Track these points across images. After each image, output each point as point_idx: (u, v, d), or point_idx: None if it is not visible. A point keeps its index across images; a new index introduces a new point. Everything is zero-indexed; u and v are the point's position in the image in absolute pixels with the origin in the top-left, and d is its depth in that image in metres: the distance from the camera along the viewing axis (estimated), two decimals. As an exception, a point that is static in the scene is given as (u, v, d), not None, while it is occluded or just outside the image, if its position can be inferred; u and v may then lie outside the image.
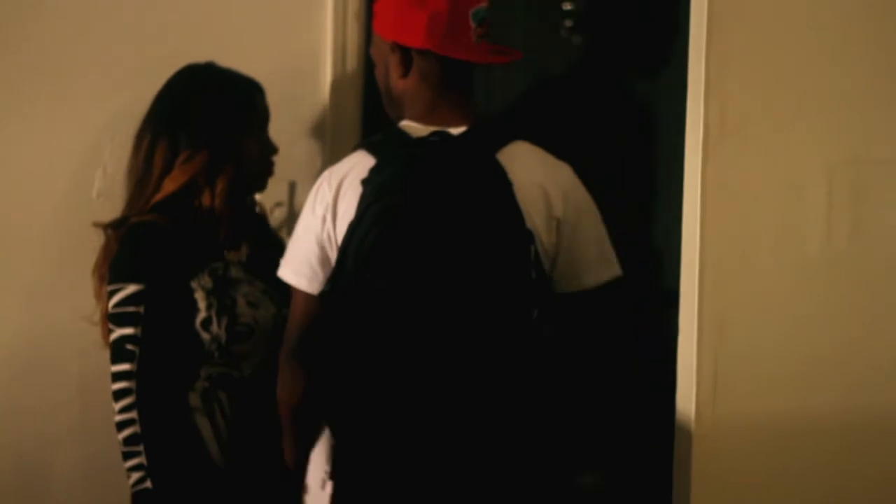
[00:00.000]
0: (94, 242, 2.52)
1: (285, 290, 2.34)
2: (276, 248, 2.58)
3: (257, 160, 2.47)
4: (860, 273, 2.47)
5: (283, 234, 2.75)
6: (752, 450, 2.48)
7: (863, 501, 2.48)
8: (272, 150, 2.49)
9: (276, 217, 2.68)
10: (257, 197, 2.59)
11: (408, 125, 2.32)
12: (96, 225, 2.42)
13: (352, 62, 2.70)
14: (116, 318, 2.33)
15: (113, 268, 2.38)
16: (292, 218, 2.75)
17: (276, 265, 2.33)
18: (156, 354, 2.34)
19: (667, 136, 2.59)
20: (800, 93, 2.44)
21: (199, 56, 2.62)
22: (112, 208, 2.60)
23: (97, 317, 2.45)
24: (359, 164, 2.26)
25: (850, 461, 2.48)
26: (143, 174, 2.40)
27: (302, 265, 2.29)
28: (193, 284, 2.38)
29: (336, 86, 2.69)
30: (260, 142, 2.47)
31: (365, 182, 2.21)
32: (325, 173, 2.33)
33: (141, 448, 2.31)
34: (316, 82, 2.63)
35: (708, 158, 2.40)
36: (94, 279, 2.45)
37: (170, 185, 2.38)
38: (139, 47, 2.64)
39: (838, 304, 2.47)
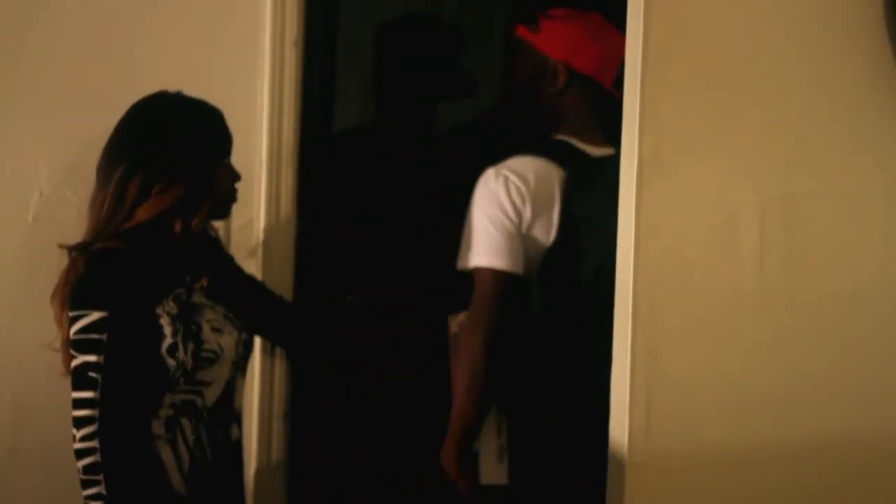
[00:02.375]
0: (33, 267, 2.51)
1: (245, 314, 2.40)
2: (232, 272, 2.57)
3: (227, 188, 2.46)
4: (792, 304, 2.49)
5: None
6: (686, 479, 2.49)
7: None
8: (237, 177, 2.47)
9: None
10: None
11: (572, 140, 2.71)
12: (62, 246, 2.37)
13: (289, 89, 2.70)
14: (79, 345, 2.29)
15: (76, 293, 2.33)
16: (228, 243, 2.75)
17: (235, 289, 2.37)
18: (119, 382, 2.30)
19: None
20: (733, 127, 2.47)
21: (136, 81, 2.61)
22: (51, 231, 2.59)
23: (58, 343, 2.40)
24: (543, 169, 2.64)
25: (782, 489, 2.50)
26: (114, 205, 2.35)
27: (502, 250, 2.59)
28: (159, 311, 2.34)
29: (273, 112, 2.69)
30: (227, 168, 2.46)
31: (566, 194, 2.64)
32: (506, 172, 2.63)
33: (101, 477, 2.27)
34: (252, 108, 2.63)
35: (642, 190, 2.42)
36: (54, 304, 2.39)
37: (142, 215, 2.34)
38: (76, 72, 2.63)
39: (770, 334, 2.49)
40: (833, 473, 2.53)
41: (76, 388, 2.28)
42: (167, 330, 2.33)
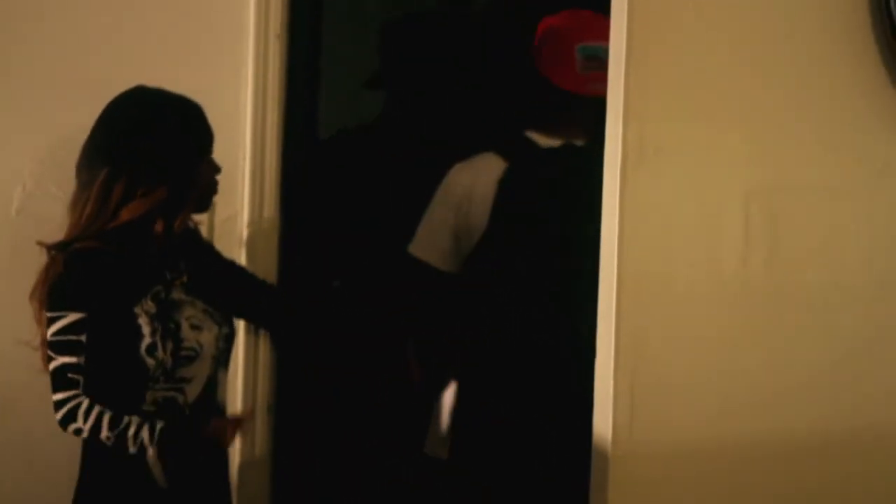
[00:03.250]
0: (16, 262, 2.50)
1: (229, 300, 2.41)
2: (212, 260, 2.55)
3: (208, 181, 2.44)
4: (775, 296, 2.50)
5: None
6: (670, 472, 2.49)
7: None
8: (218, 169, 2.46)
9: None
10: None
11: (531, 133, 2.79)
12: (40, 244, 2.35)
13: (273, 82, 2.69)
14: (57, 347, 2.28)
15: (54, 294, 2.31)
16: (212, 236, 2.73)
17: (217, 277, 2.37)
18: (98, 382, 2.29)
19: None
20: (717, 120, 2.47)
21: (119, 74, 2.60)
22: (34, 226, 2.58)
23: (37, 341, 2.39)
24: (491, 164, 2.72)
25: (766, 481, 2.51)
26: (97, 207, 2.32)
27: (430, 243, 2.74)
28: (137, 310, 2.32)
29: (257, 105, 2.67)
30: (209, 163, 2.44)
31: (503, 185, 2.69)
32: (457, 170, 2.74)
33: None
34: (237, 102, 2.62)
35: (626, 183, 2.42)
36: (32, 302, 2.37)
37: (126, 216, 2.32)
38: (59, 66, 2.61)
39: (754, 327, 2.50)
40: (817, 465, 2.54)
41: (56, 389, 2.27)
42: (146, 329, 2.32)
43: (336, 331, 2.95)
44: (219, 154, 2.48)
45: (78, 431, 2.26)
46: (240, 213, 2.64)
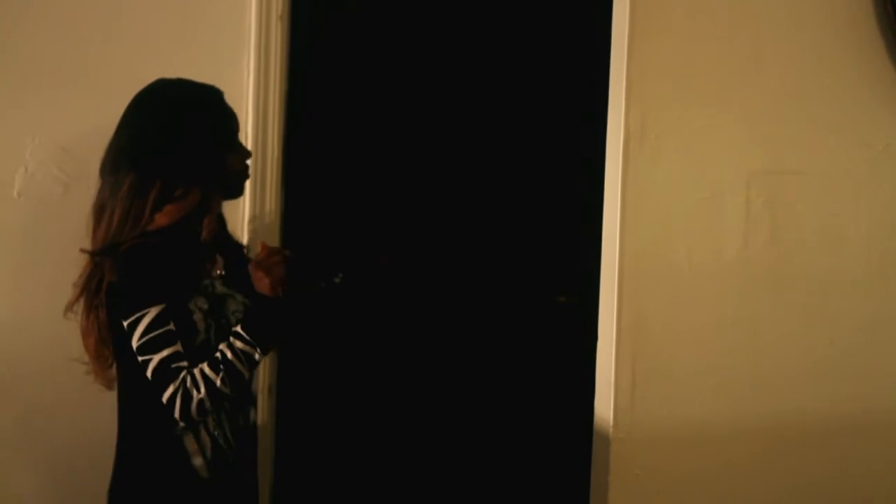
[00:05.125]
0: (19, 242, 2.50)
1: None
2: (239, 251, 2.52)
3: (239, 168, 2.39)
4: (775, 278, 2.51)
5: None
6: (670, 454, 2.51)
7: (776, 501, 2.53)
8: (248, 154, 2.40)
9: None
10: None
11: None
12: (84, 251, 2.29)
13: (275, 63, 2.68)
14: (150, 345, 2.17)
15: (124, 300, 2.20)
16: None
17: (245, 273, 2.32)
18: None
19: (588, 144, 2.61)
20: (718, 104, 2.48)
21: (120, 57, 2.61)
22: (35, 208, 2.58)
23: (87, 356, 2.33)
24: None
25: (765, 462, 2.53)
26: (126, 213, 2.23)
27: None
28: (191, 306, 2.28)
29: (259, 88, 2.67)
30: (239, 151, 2.38)
31: None
32: None
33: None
34: (239, 84, 2.61)
35: (628, 166, 2.43)
36: (75, 313, 2.27)
37: (164, 220, 2.25)
38: (59, 47, 2.60)
39: (754, 308, 2.51)
40: (817, 447, 2.56)
41: (163, 387, 2.17)
42: (200, 326, 2.26)
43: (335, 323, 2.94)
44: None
45: (200, 405, 2.15)
46: (242, 197, 2.63)
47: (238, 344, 2.21)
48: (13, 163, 2.64)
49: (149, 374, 2.16)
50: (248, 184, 2.61)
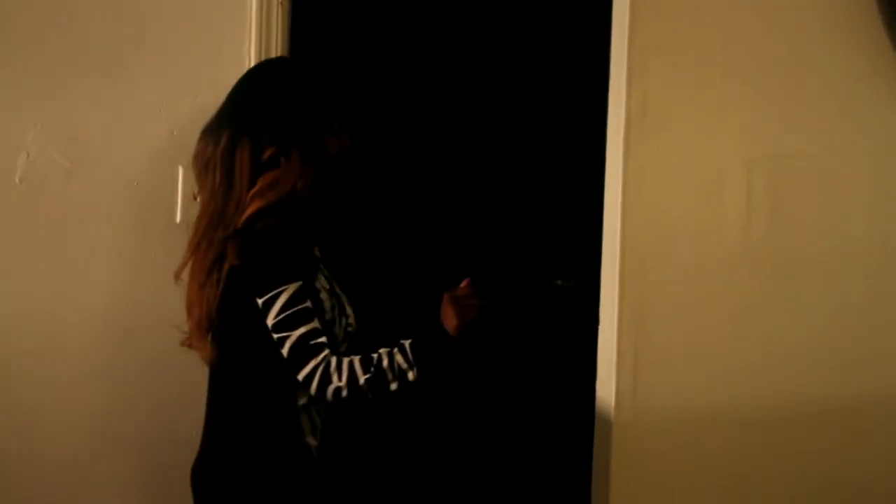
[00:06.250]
0: (21, 229, 2.51)
1: None
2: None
3: (338, 155, 2.38)
4: (777, 264, 2.51)
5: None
6: (672, 439, 2.51)
7: (777, 487, 2.53)
8: (346, 141, 2.40)
9: (199, 203, 2.64)
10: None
11: None
12: (227, 237, 2.28)
13: (276, 50, 2.68)
14: (287, 322, 2.17)
15: (261, 278, 2.21)
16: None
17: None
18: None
19: (589, 130, 2.61)
20: (719, 89, 2.48)
21: (120, 42, 2.60)
22: (37, 194, 2.58)
23: (194, 339, 2.32)
24: None
25: (767, 447, 2.53)
26: (237, 171, 2.24)
27: None
28: (317, 285, 2.28)
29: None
30: (338, 135, 2.38)
31: None
32: None
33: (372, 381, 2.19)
34: (240, 70, 2.60)
35: (629, 152, 2.43)
36: (200, 287, 2.27)
37: (271, 195, 2.25)
38: (59, 33, 2.60)
39: (755, 295, 2.51)
40: (818, 431, 2.55)
41: (302, 364, 2.18)
42: (327, 305, 2.26)
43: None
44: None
45: (337, 392, 2.15)
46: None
47: (398, 357, 2.21)
48: (15, 149, 2.64)
49: (285, 350, 2.18)
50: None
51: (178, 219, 2.64)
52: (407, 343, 2.20)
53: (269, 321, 2.17)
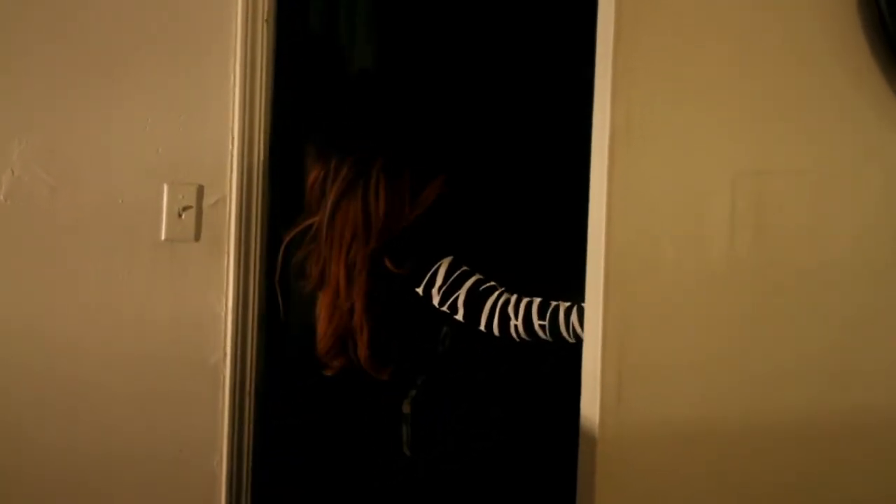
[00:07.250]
0: (5, 246, 2.51)
1: None
2: None
3: None
4: (762, 280, 2.50)
5: (194, 236, 2.71)
6: (657, 454, 2.50)
7: (766, 500, 2.52)
8: None
9: (184, 220, 2.65)
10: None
11: None
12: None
13: (261, 67, 2.69)
14: (452, 288, 2.36)
15: (415, 266, 2.39)
16: (199, 221, 2.73)
17: None
18: None
19: (573, 142, 2.61)
20: (705, 103, 2.47)
21: (104, 57, 2.62)
22: (22, 212, 2.58)
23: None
24: None
25: (753, 461, 2.51)
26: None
27: None
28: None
29: (245, 89, 2.67)
30: None
31: None
32: None
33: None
34: (225, 86, 2.62)
35: (613, 165, 2.43)
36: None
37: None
38: (46, 48, 2.61)
39: (740, 310, 2.50)
40: (805, 449, 2.54)
41: (480, 309, 2.35)
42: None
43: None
44: (206, 137, 2.49)
45: (514, 329, 2.27)
46: (228, 196, 2.64)
47: (574, 317, 2.45)
48: (0, 166, 2.65)
49: (460, 310, 2.24)
50: (233, 186, 2.62)
51: (162, 236, 2.64)
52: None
53: (435, 298, 2.25)
